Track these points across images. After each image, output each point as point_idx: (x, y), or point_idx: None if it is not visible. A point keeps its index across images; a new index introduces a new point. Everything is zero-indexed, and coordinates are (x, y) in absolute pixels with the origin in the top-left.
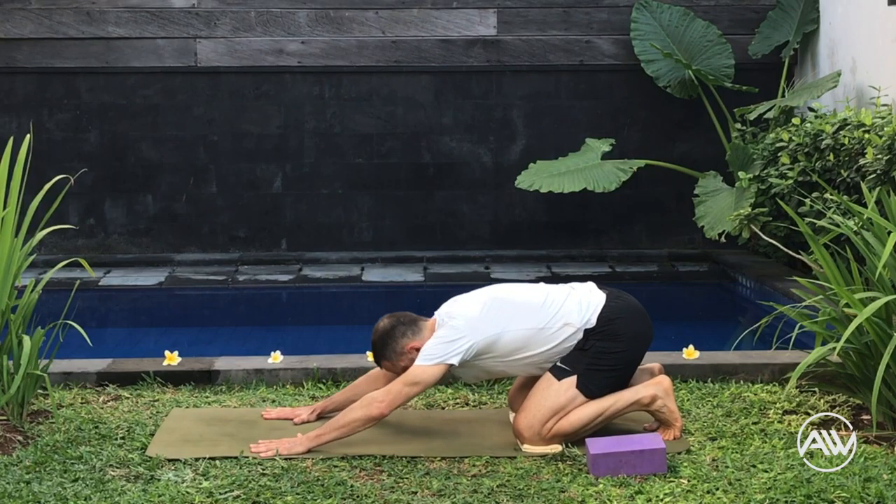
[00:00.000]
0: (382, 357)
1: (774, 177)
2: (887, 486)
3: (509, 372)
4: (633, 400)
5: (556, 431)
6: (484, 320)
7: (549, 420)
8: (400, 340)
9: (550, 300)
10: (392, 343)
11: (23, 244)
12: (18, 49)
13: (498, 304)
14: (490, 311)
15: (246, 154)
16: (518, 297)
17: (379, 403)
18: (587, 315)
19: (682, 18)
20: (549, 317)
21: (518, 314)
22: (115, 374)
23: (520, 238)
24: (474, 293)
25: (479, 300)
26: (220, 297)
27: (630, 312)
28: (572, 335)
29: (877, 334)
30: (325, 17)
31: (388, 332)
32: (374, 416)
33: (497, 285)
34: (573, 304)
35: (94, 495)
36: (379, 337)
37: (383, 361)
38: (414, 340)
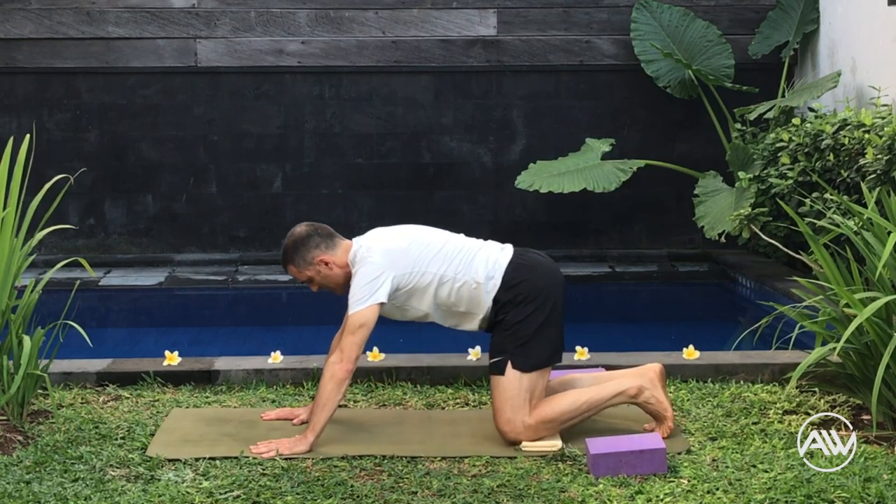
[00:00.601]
0: (290, 262)
1: (774, 177)
2: (887, 486)
3: (422, 316)
4: (618, 391)
5: (538, 418)
6: (402, 255)
7: (521, 407)
8: (313, 250)
9: (464, 252)
10: (304, 251)
11: (23, 244)
12: (18, 49)
13: (416, 243)
14: (409, 247)
15: (246, 154)
16: (436, 241)
17: (339, 364)
18: (492, 273)
19: (682, 18)
20: (461, 269)
21: (433, 258)
22: (115, 374)
23: (520, 238)
24: (394, 228)
25: (398, 235)
26: (220, 297)
27: (532, 270)
28: (478, 292)
29: (877, 334)
30: (325, 17)
31: (302, 239)
32: (341, 378)
33: (415, 226)
34: (481, 260)
35: (94, 495)
36: (293, 241)
37: (290, 266)
38: (325, 254)
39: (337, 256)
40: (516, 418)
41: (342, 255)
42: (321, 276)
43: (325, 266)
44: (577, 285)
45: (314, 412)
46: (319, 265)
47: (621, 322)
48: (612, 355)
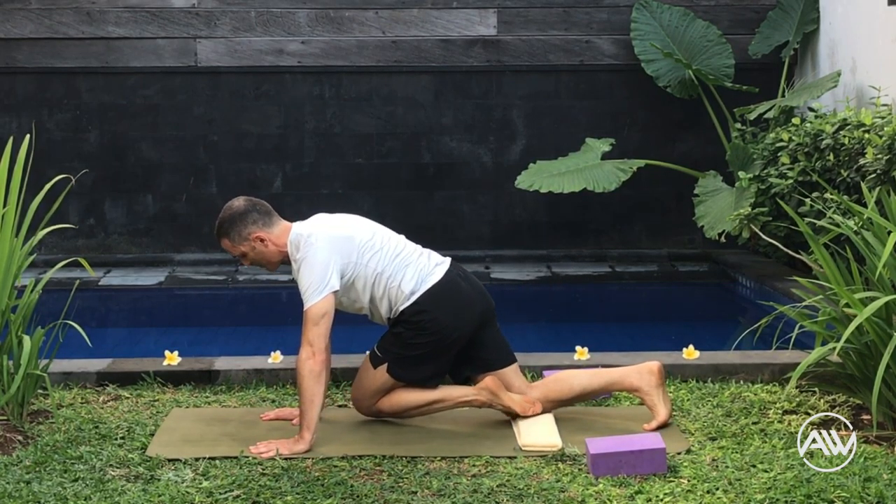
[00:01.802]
0: (225, 234)
1: (774, 177)
2: (887, 486)
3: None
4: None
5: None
6: (346, 243)
7: (372, 397)
8: (249, 226)
9: (403, 256)
10: (240, 225)
11: (23, 244)
12: (18, 49)
13: (360, 235)
14: (352, 236)
15: (246, 154)
16: (378, 239)
17: (311, 359)
18: (417, 288)
19: (682, 18)
20: (393, 273)
21: (374, 254)
22: (115, 374)
23: (520, 238)
24: (334, 216)
25: (342, 223)
26: (220, 297)
27: (448, 303)
28: (395, 298)
29: (877, 334)
30: (325, 17)
31: (240, 214)
32: (318, 370)
33: (360, 217)
34: (413, 272)
35: (94, 495)
36: (230, 215)
37: (224, 239)
38: (262, 231)
39: (274, 235)
40: (365, 400)
41: (280, 235)
42: (255, 252)
43: (260, 243)
44: (577, 285)
45: (303, 411)
46: (255, 241)
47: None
48: (612, 355)
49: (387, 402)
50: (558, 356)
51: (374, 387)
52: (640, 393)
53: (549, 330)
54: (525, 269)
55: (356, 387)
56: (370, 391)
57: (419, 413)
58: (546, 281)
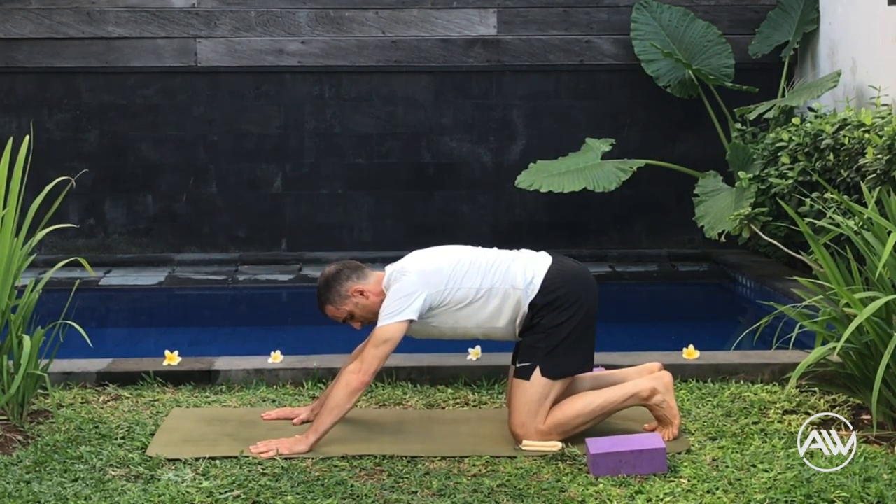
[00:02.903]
0: (326, 301)
1: (774, 177)
2: (887, 486)
3: (461, 333)
4: (632, 392)
5: (552, 423)
6: (435, 274)
7: (538, 413)
8: (345, 283)
9: (499, 263)
10: (337, 286)
11: (23, 244)
12: (18, 49)
13: (450, 261)
14: (441, 266)
15: (246, 154)
16: (469, 257)
17: (356, 374)
18: (530, 278)
19: (682, 18)
20: (497, 278)
21: (468, 273)
22: (115, 374)
23: (520, 238)
24: (430, 250)
25: (432, 256)
26: (220, 297)
27: (571, 279)
28: (517, 299)
29: (877, 334)
30: (325, 17)
31: (333, 276)
32: (356, 388)
33: (448, 246)
34: (518, 267)
35: (94, 495)
36: (324, 281)
37: (327, 306)
38: (358, 284)
39: (370, 285)
40: (530, 424)
41: (375, 284)
42: (360, 307)
43: (360, 296)
44: None
45: (321, 414)
46: (355, 296)
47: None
48: (612, 355)
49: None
50: None
51: (535, 398)
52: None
53: None
54: None
55: (515, 412)
56: (532, 407)
57: (594, 422)
58: None
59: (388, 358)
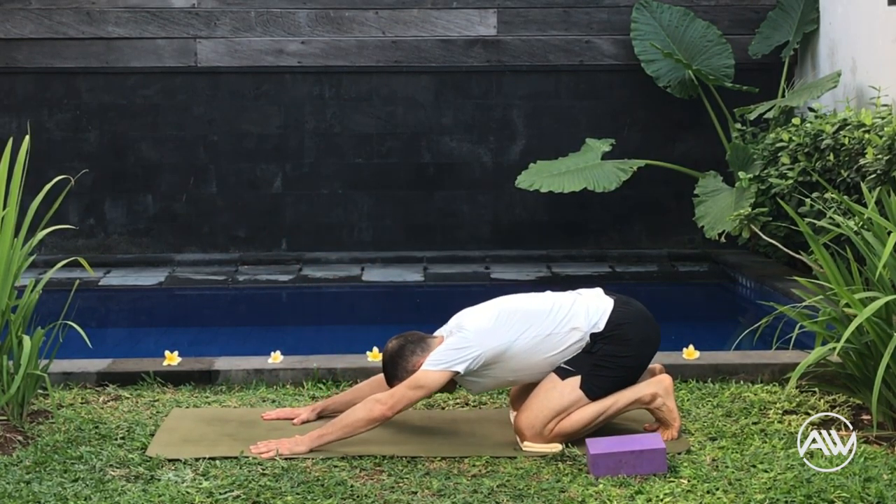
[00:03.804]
0: (395, 377)
1: (774, 177)
2: (887, 486)
3: (519, 380)
4: (635, 398)
5: (558, 431)
6: (493, 331)
7: (552, 420)
8: (410, 359)
9: (558, 307)
10: (402, 362)
11: (23, 244)
12: (18, 49)
13: (506, 314)
14: (499, 321)
15: (246, 154)
16: (526, 305)
17: (382, 405)
18: (595, 319)
19: (682, 18)
20: (557, 322)
21: (527, 324)
22: (115, 374)
23: (520, 238)
24: (483, 305)
25: (489, 312)
26: (220, 297)
27: (638, 318)
28: (579, 340)
29: (877, 334)
30: (325, 17)
31: (397, 353)
32: (375, 418)
33: (505, 297)
34: (580, 308)
35: (94, 495)
36: (389, 358)
37: (395, 382)
38: (423, 356)
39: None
40: (538, 428)
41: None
42: None
43: None
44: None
45: (331, 426)
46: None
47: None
48: None
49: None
50: None
51: (561, 404)
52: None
53: None
54: (525, 269)
55: (530, 411)
56: (551, 414)
57: (597, 425)
58: (546, 281)
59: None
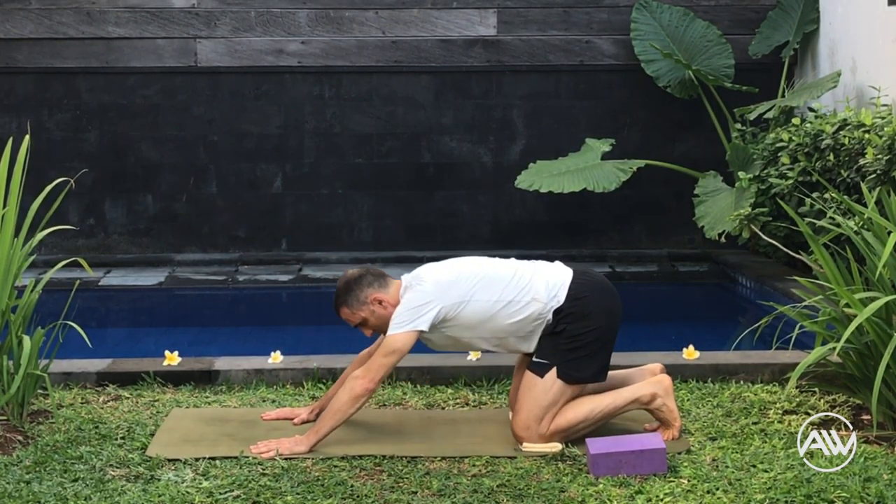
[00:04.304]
0: (344, 303)
1: (774, 177)
2: (887, 486)
3: (477, 344)
4: (633, 398)
5: (555, 429)
6: (452, 286)
7: (544, 418)
8: (366, 289)
9: (519, 275)
10: (357, 290)
11: (23, 244)
12: (18, 49)
13: (467, 273)
14: (459, 278)
15: (246, 154)
16: (487, 269)
17: (362, 380)
18: (554, 291)
19: (682, 18)
20: (518, 290)
21: (486, 285)
22: (115, 374)
23: (520, 238)
24: (445, 261)
25: (449, 267)
26: (220, 297)
27: (597, 289)
28: (539, 312)
29: (877, 334)
30: (325, 17)
31: (355, 280)
32: (360, 394)
33: (469, 257)
34: (540, 280)
35: (94, 495)
36: (345, 283)
37: (342, 308)
38: (378, 292)
39: (390, 294)
40: (534, 428)
41: (395, 294)
42: (375, 316)
43: (378, 305)
44: None
45: (322, 417)
46: (373, 304)
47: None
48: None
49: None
50: None
51: (544, 403)
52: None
53: None
54: None
55: (522, 413)
56: (541, 411)
57: (595, 426)
58: None
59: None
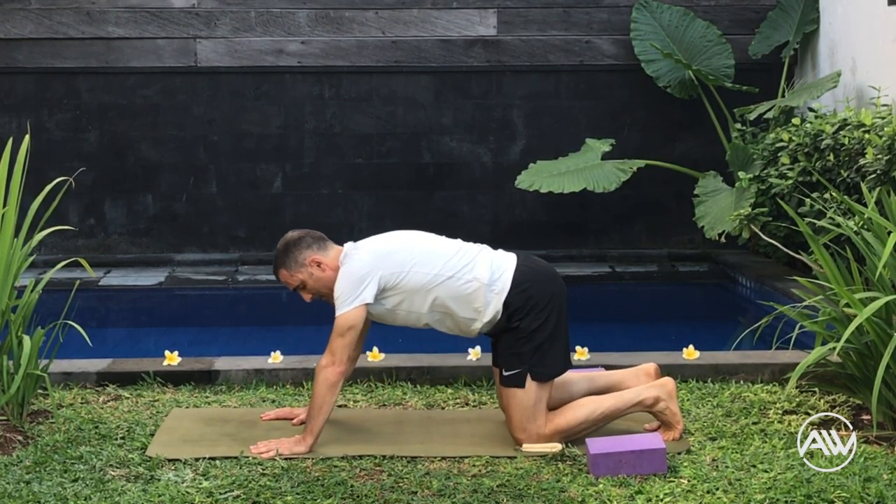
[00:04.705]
0: (282, 265)
1: (774, 177)
2: (887, 486)
3: (415, 320)
4: (637, 400)
5: (555, 429)
6: (390, 255)
7: (536, 416)
8: (305, 251)
9: (462, 253)
10: (296, 252)
11: (23, 244)
12: (18, 49)
13: (407, 244)
14: (398, 248)
15: (246, 154)
16: (429, 243)
17: (331, 368)
18: (497, 274)
19: (682, 18)
20: (459, 268)
21: (427, 259)
22: (115, 374)
23: (520, 238)
24: (387, 233)
25: (389, 237)
26: (220, 297)
27: (540, 276)
28: (480, 293)
29: (877, 334)
30: (325, 17)
31: (295, 242)
32: (335, 381)
33: (413, 231)
34: (484, 261)
35: (94, 495)
36: (285, 244)
37: (281, 270)
38: (317, 254)
39: (329, 258)
40: (531, 428)
41: (333, 259)
42: (313, 279)
43: (317, 267)
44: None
45: (310, 416)
46: (311, 266)
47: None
48: (612, 355)
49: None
50: None
51: (529, 404)
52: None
53: None
54: None
55: (513, 419)
56: (529, 411)
57: (596, 427)
58: None
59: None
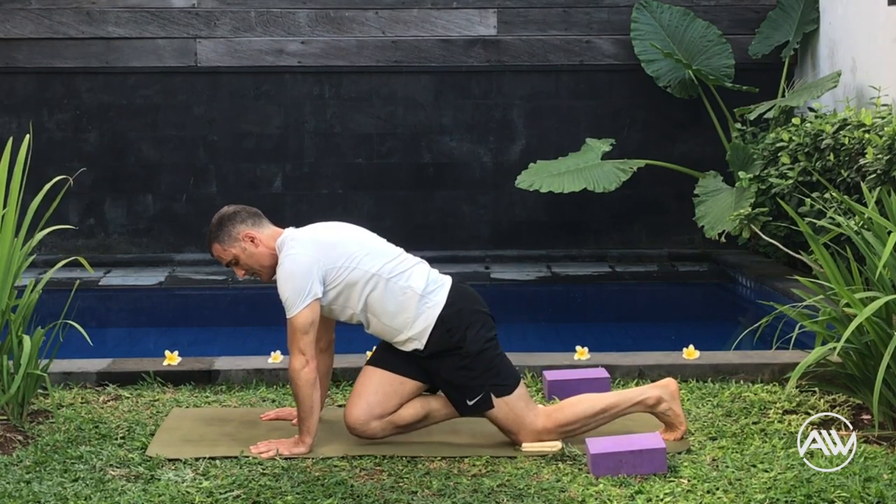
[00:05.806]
0: (215, 239)
1: (774, 177)
2: (887, 486)
3: (347, 314)
4: (638, 400)
5: (554, 423)
6: (334, 247)
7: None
8: (238, 226)
9: (402, 259)
10: (230, 226)
11: (23, 244)
12: (18, 49)
13: (352, 239)
14: (342, 241)
15: (246, 154)
16: (372, 241)
17: (303, 368)
18: (432, 287)
19: (682, 18)
20: (398, 273)
21: (366, 256)
22: (115, 374)
23: (520, 238)
24: (329, 223)
25: (331, 228)
26: (220, 297)
27: (471, 299)
28: (412, 301)
29: (877, 334)
30: (325, 17)
31: (229, 216)
32: (313, 378)
33: (355, 226)
34: (422, 273)
35: (94, 495)
36: (219, 218)
37: (214, 245)
38: (252, 229)
39: (264, 235)
40: (524, 430)
41: (269, 237)
42: (246, 254)
43: (250, 242)
44: (577, 285)
45: (302, 418)
46: (245, 241)
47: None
48: (612, 355)
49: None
50: (558, 356)
51: (513, 416)
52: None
53: (549, 330)
54: (525, 269)
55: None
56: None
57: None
58: (546, 281)
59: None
